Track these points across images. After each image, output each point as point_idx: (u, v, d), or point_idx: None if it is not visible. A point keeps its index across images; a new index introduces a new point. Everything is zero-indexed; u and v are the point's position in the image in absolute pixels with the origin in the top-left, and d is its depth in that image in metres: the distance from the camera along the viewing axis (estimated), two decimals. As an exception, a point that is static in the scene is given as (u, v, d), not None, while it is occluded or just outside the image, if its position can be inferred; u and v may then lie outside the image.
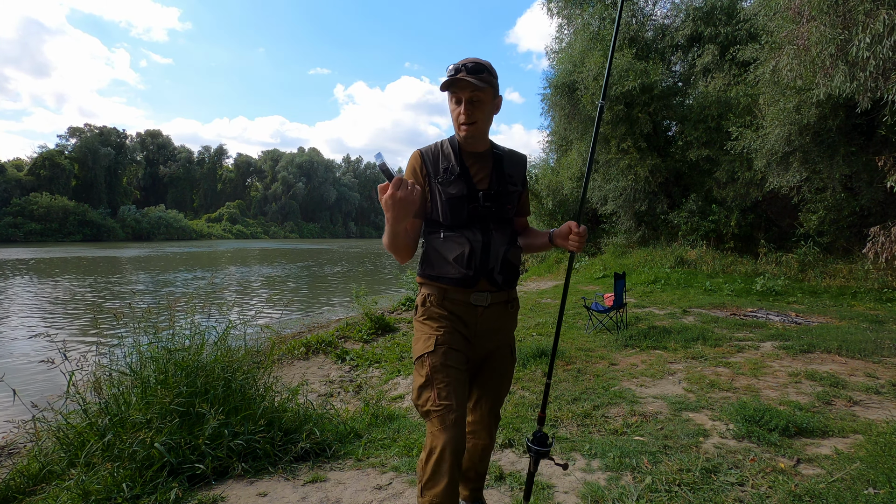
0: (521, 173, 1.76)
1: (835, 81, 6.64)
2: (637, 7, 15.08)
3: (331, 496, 2.33)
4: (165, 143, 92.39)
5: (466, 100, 1.58)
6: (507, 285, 1.69)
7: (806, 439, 2.81)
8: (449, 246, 1.63)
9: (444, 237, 1.64)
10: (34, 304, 12.43)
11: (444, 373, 1.56)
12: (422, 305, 1.70)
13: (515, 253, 1.71)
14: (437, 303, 1.65)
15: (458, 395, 1.55)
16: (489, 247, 1.63)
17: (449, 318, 1.64)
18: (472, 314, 1.65)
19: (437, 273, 1.65)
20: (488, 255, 1.63)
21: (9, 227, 53.21)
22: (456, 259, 1.61)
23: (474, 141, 1.66)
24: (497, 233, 1.65)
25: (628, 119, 13.41)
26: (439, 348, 1.59)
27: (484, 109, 1.61)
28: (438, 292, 1.66)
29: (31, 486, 2.39)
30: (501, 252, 1.65)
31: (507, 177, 1.70)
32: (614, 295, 6.16)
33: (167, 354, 2.90)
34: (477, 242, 1.62)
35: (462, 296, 1.64)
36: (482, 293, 1.64)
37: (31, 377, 6.08)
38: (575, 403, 3.56)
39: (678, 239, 13.73)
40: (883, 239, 6.47)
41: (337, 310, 12.25)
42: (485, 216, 1.64)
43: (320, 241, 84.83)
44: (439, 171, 1.66)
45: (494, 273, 1.64)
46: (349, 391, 4.85)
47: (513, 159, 1.74)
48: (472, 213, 1.63)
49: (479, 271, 1.62)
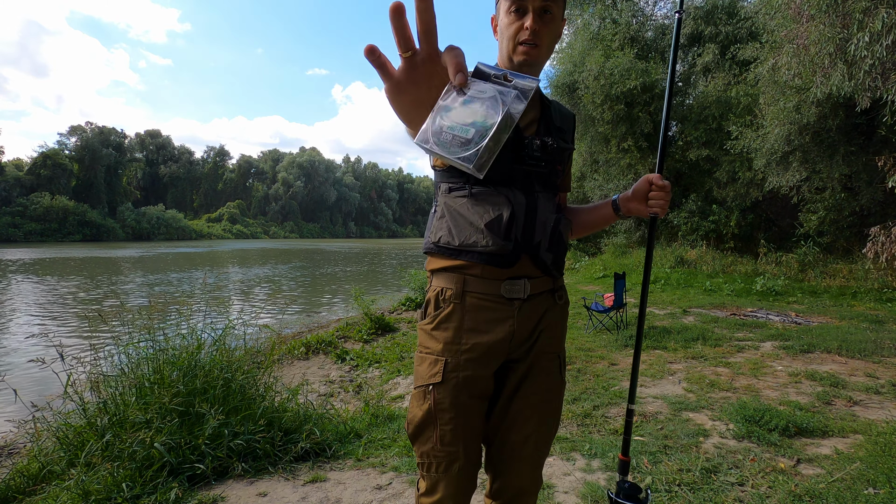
0: (572, 130, 1.31)
1: (832, 80, 6.64)
2: (637, 7, 15.09)
3: (331, 496, 2.33)
4: (165, 142, 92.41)
5: (537, 9, 1.11)
6: (556, 269, 1.20)
7: (806, 439, 2.81)
8: (481, 207, 1.12)
9: (474, 194, 1.13)
10: (33, 305, 12.44)
11: (452, 412, 1.12)
12: (433, 307, 1.17)
13: (567, 226, 1.22)
14: (456, 295, 1.14)
15: (468, 440, 1.15)
16: (535, 213, 1.14)
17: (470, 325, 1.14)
18: (507, 309, 1.14)
19: (459, 245, 1.12)
20: (534, 224, 1.14)
21: (8, 227, 53.22)
22: (490, 225, 1.09)
23: (530, 71, 1.16)
24: (544, 197, 1.17)
25: (629, 118, 13.41)
26: (451, 378, 1.12)
27: (553, 29, 1.16)
28: (457, 283, 1.14)
29: (31, 486, 2.39)
30: (552, 222, 1.16)
31: (557, 128, 1.22)
32: (614, 295, 6.16)
33: (159, 354, 2.90)
34: (520, 206, 1.12)
35: (491, 287, 1.13)
36: (518, 280, 1.14)
37: (31, 377, 6.08)
38: (575, 403, 3.56)
39: (678, 239, 13.74)
40: (883, 238, 6.47)
41: (337, 310, 12.25)
42: (530, 174, 1.15)
43: (320, 241, 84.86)
44: None
45: (542, 250, 1.15)
46: (349, 391, 4.85)
47: (562, 112, 1.27)
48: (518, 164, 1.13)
49: (522, 245, 1.13)
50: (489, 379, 1.17)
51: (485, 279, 1.13)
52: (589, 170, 15.82)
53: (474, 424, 1.16)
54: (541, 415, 1.20)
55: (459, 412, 1.13)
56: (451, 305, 1.14)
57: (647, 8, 15.35)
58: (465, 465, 1.14)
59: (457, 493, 1.15)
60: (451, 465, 1.13)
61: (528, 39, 1.11)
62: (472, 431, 1.15)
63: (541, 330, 1.18)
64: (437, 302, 1.16)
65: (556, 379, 1.23)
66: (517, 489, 1.22)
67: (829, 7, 6.27)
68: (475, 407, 1.16)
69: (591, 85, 13.00)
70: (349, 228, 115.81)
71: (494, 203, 1.11)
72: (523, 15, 1.12)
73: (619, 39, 13.97)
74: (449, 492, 1.14)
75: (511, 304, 1.14)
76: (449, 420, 1.12)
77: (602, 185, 15.05)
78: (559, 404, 1.25)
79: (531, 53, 1.13)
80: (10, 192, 56.80)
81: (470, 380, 1.13)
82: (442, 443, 1.13)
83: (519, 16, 1.13)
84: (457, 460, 1.13)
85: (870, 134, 9.48)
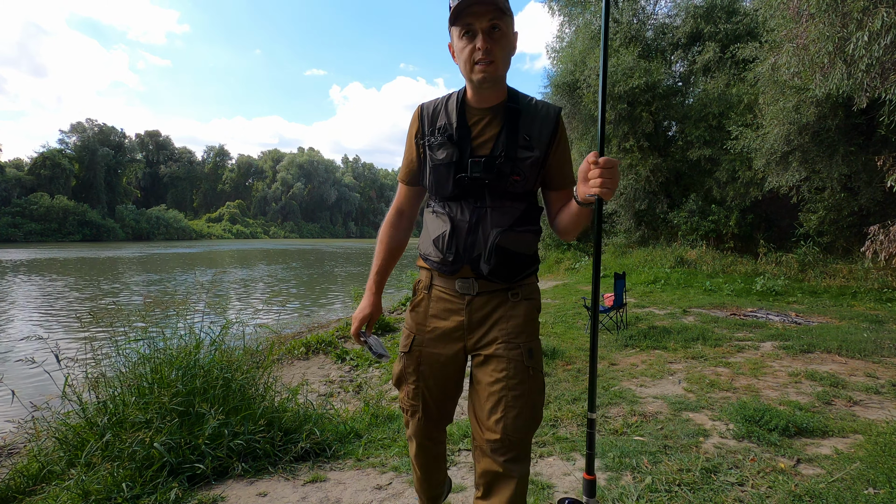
0: (546, 133, 1.34)
1: (831, 79, 6.64)
2: (638, 6, 15.08)
3: (331, 496, 2.33)
4: (165, 142, 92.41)
5: (485, 29, 1.23)
6: (497, 277, 1.33)
7: (806, 439, 2.81)
8: (434, 223, 1.39)
9: (433, 211, 1.41)
10: (32, 305, 12.44)
11: (415, 375, 1.44)
12: (413, 292, 1.50)
13: (518, 237, 1.33)
14: (425, 287, 1.45)
15: (428, 398, 1.45)
16: (478, 228, 1.32)
17: (432, 312, 1.42)
18: (457, 302, 1.38)
19: (424, 254, 1.44)
20: (475, 238, 1.32)
21: (8, 227, 53.19)
22: (436, 241, 1.37)
23: (492, 87, 1.30)
24: (494, 211, 1.32)
25: (631, 118, 13.41)
26: (415, 350, 1.44)
27: (505, 45, 1.26)
28: (427, 277, 1.45)
29: (31, 486, 2.38)
30: (492, 235, 1.30)
31: (521, 137, 1.32)
32: (614, 295, 6.16)
33: (157, 353, 2.90)
34: (462, 221, 1.33)
35: (448, 283, 1.39)
36: (467, 279, 1.36)
37: (30, 378, 6.07)
38: (575, 403, 3.56)
39: (678, 239, 13.74)
40: (882, 238, 6.46)
41: (337, 310, 12.25)
42: (478, 188, 1.31)
43: (320, 240, 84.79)
44: (435, 129, 1.36)
45: (481, 261, 1.32)
46: (349, 391, 4.85)
47: (535, 114, 1.34)
48: (460, 183, 1.32)
49: (462, 257, 1.33)
50: (449, 357, 1.41)
51: (443, 276, 1.40)
52: (589, 170, 15.79)
53: (434, 390, 1.45)
54: (506, 401, 1.29)
55: (420, 377, 1.44)
56: (423, 294, 1.46)
57: (648, 7, 15.34)
58: (423, 418, 1.46)
59: (418, 433, 1.50)
60: (413, 414, 1.48)
61: (483, 58, 1.23)
62: (430, 393, 1.45)
63: (494, 321, 1.36)
64: (417, 290, 1.49)
65: (521, 367, 1.32)
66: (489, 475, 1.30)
67: (828, 6, 6.26)
68: (436, 377, 1.43)
69: (593, 84, 13.00)
70: (349, 228, 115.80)
71: (442, 221, 1.36)
72: (474, 37, 1.24)
73: (620, 38, 13.97)
74: (413, 431, 1.51)
75: (462, 298, 1.38)
76: (412, 381, 1.45)
77: (602, 185, 15.01)
78: (529, 392, 1.32)
79: (488, 70, 1.25)
80: (10, 192, 56.76)
81: (431, 355, 1.42)
82: (408, 397, 1.47)
83: (470, 38, 1.25)
84: (417, 412, 1.46)
85: (869, 134, 9.47)
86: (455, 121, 1.34)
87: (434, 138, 1.36)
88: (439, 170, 1.35)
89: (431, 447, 1.53)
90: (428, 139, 1.38)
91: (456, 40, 1.29)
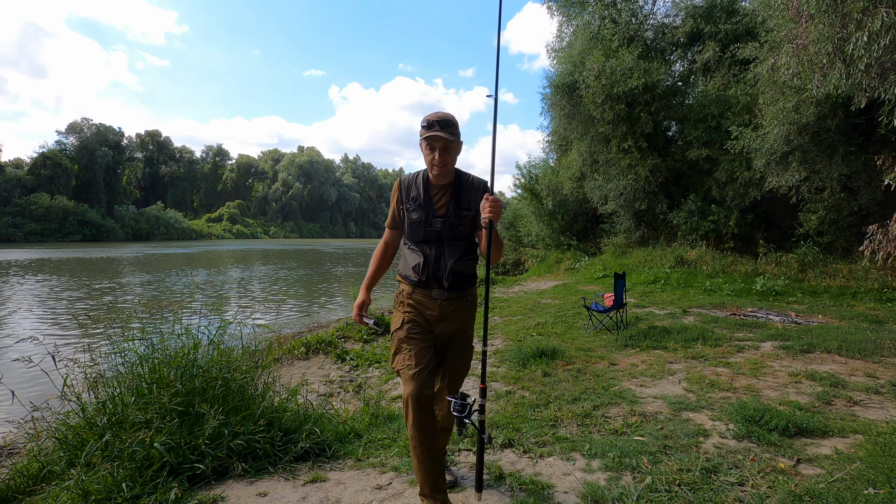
0: (477, 200, 2.12)
1: (830, 79, 6.63)
2: (637, 6, 15.07)
3: (331, 496, 2.33)
4: (165, 142, 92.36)
5: (440, 148, 2.02)
6: (455, 290, 2.12)
7: (806, 439, 2.81)
8: (411, 256, 2.15)
9: (409, 248, 2.18)
10: (30, 305, 12.43)
11: (408, 343, 2.08)
12: (397, 297, 2.23)
13: (464, 264, 2.13)
14: (408, 295, 2.16)
15: (420, 359, 2.03)
16: (440, 260, 2.10)
17: (415, 305, 2.14)
18: (433, 303, 2.12)
19: (404, 274, 2.18)
20: (439, 266, 2.10)
21: (8, 227, 53.18)
22: (414, 267, 2.13)
23: (444, 177, 2.11)
24: (449, 248, 2.11)
25: (629, 118, 13.39)
26: (405, 325, 2.11)
27: (452, 155, 2.08)
28: (408, 287, 2.17)
29: (31, 486, 2.39)
30: (449, 264, 2.10)
31: (463, 202, 2.12)
32: (614, 295, 6.16)
33: (155, 353, 2.90)
34: (430, 255, 2.11)
35: (425, 292, 2.13)
36: (439, 289, 2.11)
37: (30, 378, 6.07)
38: (575, 403, 3.56)
39: (678, 239, 13.72)
40: (880, 237, 6.43)
41: (337, 310, 12.24)
42: (439, 235, 2.10)
43: (320, 240, 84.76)
44: (409, 198, 2.16)
45: (443, 280, 2.10)
46: (349, 391, 4.85)
47: (472, 188, 2.15)
48: (428, 233, 2.11)
49: (431, 278, 2.11)
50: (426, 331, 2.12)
51: (421, 288, 2.14)
52: (589, 170, 15.76)
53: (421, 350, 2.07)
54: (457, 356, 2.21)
55: (412, 343, 2.08)
56: (406, 296, 2.18)
57: (647, 7, 15.33)
58: (418, 371, 2.01)
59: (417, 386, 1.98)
60: (411, 368, 2.03)
61: (438, 164, 2.05)
62: (420, 353, 2.06)
63: (454, 317, 2.14)
64: (400, 295, 2.22)
65: (465, 345, 2.21)
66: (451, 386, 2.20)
67: (828, 7, 6.26)
68: (422, 343, 2.09)
69: (592, 84, 12.98)
70: (349, 228, 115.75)
71: (417, 254, 2.14)
72: (434, 150, 2.04)
73: (619, 39, 13.95)
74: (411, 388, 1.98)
75: (436, 301, 2.12)
76: (407, 348, 2.08)
77: (602, 186, 15.01)
78: (469, 356, 2.25)
79: (441, 171, 2.07)
80: (10, 192, 56.74)
81: (415, 327, 2.11)
82: (405, 360, 2.06)
83: (431, 150, 2.05)
84: (412, 368, 2.02)
85: (869, 134, 9.47)
86: (422, 193, 2.15)
87: (410, 205, 2.16)
88: (414, 224, 2.14)
89: (426, 402, 1.99)
90: (406, 205, 2.17)
91: (423, 148, 2.08)
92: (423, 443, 1.96)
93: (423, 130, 2.04)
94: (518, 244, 21.67)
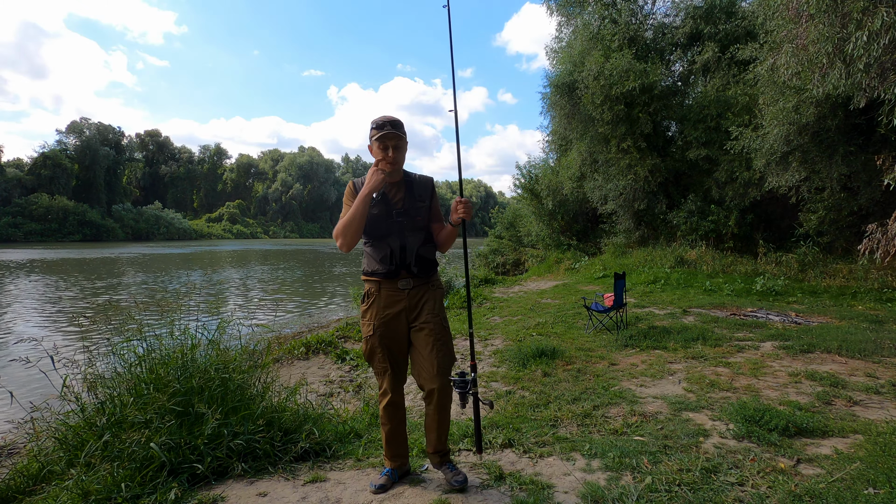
0: (427, 193, 2.36)
1: (830, 79, 6.62)
2: (637, 6, 15.06)
3: (331, 496, 2.33)
4: (165, 142, 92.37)
5: (393, 147, 2.21)
6: (423, 274, 2.29)
7: (806, 439, 2.81)
8: (376, 251, 2.28)
9: (372, 245, 2.30)
10: (30, 305, 12.43)
11: (380, 348, 2.28)
12: (365, 297, 2.34)
13: (427, 249, 2.32)
14: (375, 291, 2.29)
15: (391, 363, 2.30)
16: (405, 248, 2.26)
17: (383, 305, 2.27)
18: (401, 295, 2.27)
19: (372, 270, 2.30)
20: (405, 254, 2.26)
21: (9, 227, 53.18)
22: (381, 259, 2.27)
23: (396, 174, 2.30)
24: (411, 237, 2.27)
25: (628, 119, 13.39)
26: (376, 332, 2.27)
27: (402, 153, 2.28)
28: (375, 284, 2.30)
29: (30, 486, 2.38)
30: (415, 250, 2.27)
31: (416, 196, 2.31)
32: (614, 295, 6.15)
33: (152, 354, 2.90)
34: (396, 245, 2.25)
35: (392, 284, 2.27)
36: (406, 279, 2.27)
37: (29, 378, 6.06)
38: (575, 403, 3.56)
39: (678, 239, 13.72)
40: (879, 236, 6.41)
41: (337, 310, 12.24)
42: (401, 226, 2.25)
43: (320, 240, 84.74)
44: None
45: (411, 266, 2.26)
46: (349, 391, 4.84)
47: (421, 184, 2.36)
48: (390, 225, 2.25)
49: (400, 266, 2.25)
50: (399, 334, 2.28)
51: (388, 281, 2.27)
52: (589, 170, 15.75)
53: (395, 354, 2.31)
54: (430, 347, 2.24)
55: (384, 349, 2.28)
56: (374, 295, 2.30)
57: (647, 7, 15.32)
58: (392, 374, 2.32)
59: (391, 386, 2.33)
60: (385, 372, 2.32)
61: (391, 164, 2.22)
62: (393, 358, 2.31)
63: (423, 304, 2.29)
64: (368, 294, 2.33)
65: (439, 329, 2.27)
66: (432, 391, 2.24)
67: (828, 7, 6.26)
68: (393, 346, 2.29)
69: (591, 85, 12.98)
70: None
71: (383, 247, 2.27)
72: (386, 150, 2.21)
73: (619, 39, 13.94)
74: (387, 386, 2.33)
75: (403, 291, 2.27)
76: (380, 353, 2.30)
77: (602, 186, 15.01)
78: (446, 339, 2.30)
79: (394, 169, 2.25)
80: (10, 192, 56.74)
81: (386, 332, 2.27)
82: (380, 363, 2.31)
83: (384, 149, 2.22)
84: (387, 371, 2.31)
85: (869, 134, 9.47)
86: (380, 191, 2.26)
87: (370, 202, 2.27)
88: (375, 218, 2.24)
89: (398, 400, 2.36)
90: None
91: (376, 148, 2.24)
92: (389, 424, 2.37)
93: (374, 132, 2.21)
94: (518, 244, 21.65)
